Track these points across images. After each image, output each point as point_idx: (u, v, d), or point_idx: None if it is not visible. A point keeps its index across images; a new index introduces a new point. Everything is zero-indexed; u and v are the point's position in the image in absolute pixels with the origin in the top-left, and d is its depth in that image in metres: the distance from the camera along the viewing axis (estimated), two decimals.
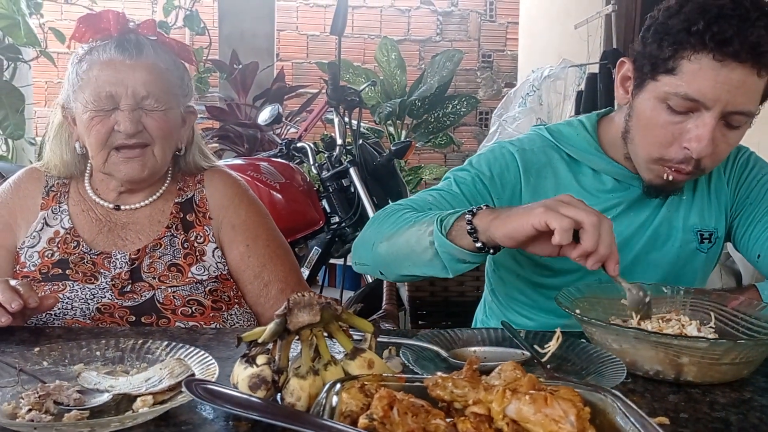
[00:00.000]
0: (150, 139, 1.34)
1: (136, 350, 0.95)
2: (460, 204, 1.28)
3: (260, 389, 0.76)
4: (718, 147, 1.17)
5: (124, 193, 1.40)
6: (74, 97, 1.35)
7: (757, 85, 1.12)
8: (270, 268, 1.41)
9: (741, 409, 0.86)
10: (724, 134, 1.16)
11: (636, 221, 1.32)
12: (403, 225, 1.18)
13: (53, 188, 1.42)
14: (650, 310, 1.06)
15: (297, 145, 3.25)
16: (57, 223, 1.38)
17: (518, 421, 0.64)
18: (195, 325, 1.29)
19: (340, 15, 3.09)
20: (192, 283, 1.34)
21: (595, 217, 0.97)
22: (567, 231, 0.96)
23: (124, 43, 1.34)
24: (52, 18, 4.59)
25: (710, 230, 1.33)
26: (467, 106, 5.88)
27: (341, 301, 0.88)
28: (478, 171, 1.33)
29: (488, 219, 1.05)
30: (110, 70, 1.31)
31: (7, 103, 3.81)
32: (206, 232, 1.40)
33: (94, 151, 1.34)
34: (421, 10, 6.52)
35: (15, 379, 0.85)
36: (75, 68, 1.35)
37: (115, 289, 1.31)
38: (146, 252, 1.35)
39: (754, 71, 1.10)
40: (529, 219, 0.99)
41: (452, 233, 1.09)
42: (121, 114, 1.31)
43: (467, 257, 1.08)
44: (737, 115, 1.14)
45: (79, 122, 1.35)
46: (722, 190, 1.35)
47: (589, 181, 1.33)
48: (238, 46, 5.21)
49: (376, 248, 1.21)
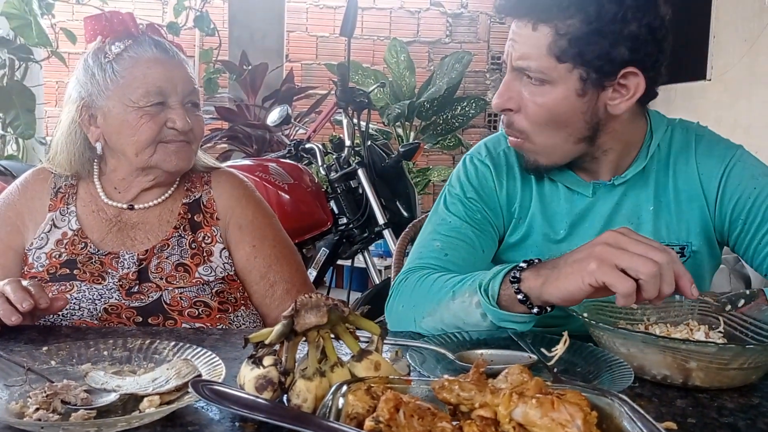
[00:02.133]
0: (192, 137, 1.38)
1: (144, 350, 0.95)
2: (465, 233, 1.29)
3: (267, 390, 0.76)
4: (525, 105, 1.19)
5: (144, 191, 1.41)
6: (107, 95, 1.34)
7: (534, 38, 1.14)
8: (276, 268, 1.42)
9: (749, 414, 0.85)
10: (531, 92, 1.17)
11: (595, 233, 1.28)
12: (441, 298, 1.14)
13: (61, 189, 1.42)
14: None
15: (306, 146, 3.25)
16: (65, 224, 1.38)
17: (525, 424, 0.64)
18: (201, 326, 1.29)
19: (349, 16, 3.09)
20: (199, 284, 1.34)
21: (653, 266, 0.91)
22: (630, 296, 0.92)
23: (158, 42, 1.37)
24: (63, 18, 4.61)
25: (681, 244, 1.27)
26: (476, 108, 5.86)
27: (348, 303, 0.88)
28: (462, 190, 1.34)
29: (537, 284, 1.01)
30: (159, 67, 1.35)
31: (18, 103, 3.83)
32: (214, 232, 1.41)
33: (141, 147, 1.34)
34: (431, 11, 6.52)
35: (23, 378, 0.85)
36: (106, 67, 1.34)
37: (123, 290, 1.31)
38: (154, 252, 1.36)
39: (529, 24, 1.14)
40: (584, 279, 0.94)
41: (502, 302, 1.05)
42: (173, 111, 1.34)
43: (527, 319, 1.06)
44: (527, 70, 1.16)
45: (113, 121, 1.35)
46: (696, 203, 1.27)
47: (547, 186, 1.33)
48: (247, 47, 5.23)
49: (420, 323, 1.17)
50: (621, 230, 0.97)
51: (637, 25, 1.11)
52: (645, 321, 1.10)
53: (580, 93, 1.16)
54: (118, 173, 1.41)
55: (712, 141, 1.31)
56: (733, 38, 4.75)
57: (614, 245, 0.94)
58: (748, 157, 1.29)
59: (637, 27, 1.11)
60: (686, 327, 1.07)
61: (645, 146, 1.28)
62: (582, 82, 1.15)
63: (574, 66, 1.14)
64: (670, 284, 0.93)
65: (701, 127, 1.35)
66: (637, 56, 1.13)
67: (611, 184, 1.28)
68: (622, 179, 1.28)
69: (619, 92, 1.17)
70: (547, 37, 1.13)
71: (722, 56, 4.85)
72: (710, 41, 4.94)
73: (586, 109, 1.18)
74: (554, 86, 1.16)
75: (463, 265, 1.24)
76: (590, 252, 0.96)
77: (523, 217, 1.33)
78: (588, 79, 1.15)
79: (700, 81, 4.92)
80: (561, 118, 1.18)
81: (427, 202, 6.09)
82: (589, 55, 1.12)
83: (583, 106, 1.17)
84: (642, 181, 1.29)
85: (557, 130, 1.20)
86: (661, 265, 0.92)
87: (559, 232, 1.31)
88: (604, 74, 1.15)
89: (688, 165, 1.29)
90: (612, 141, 1.24)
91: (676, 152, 1.30)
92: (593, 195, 1.29)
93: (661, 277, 0.92)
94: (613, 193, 1.29)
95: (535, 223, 1.32)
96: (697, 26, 4.87)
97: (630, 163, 1.28)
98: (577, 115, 1.18)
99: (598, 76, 1.14)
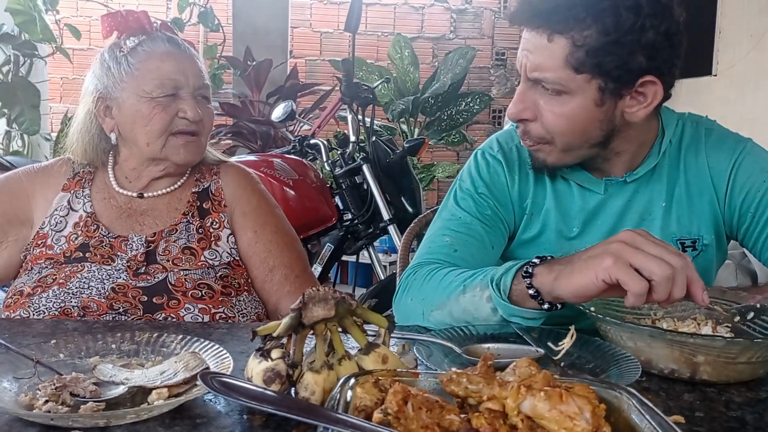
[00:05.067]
0: (202, 128, 1.44)
1: (151, 343, 0.96)
2: (475, 229, 1.28)
3: (275, 383, 0.77)
4: (542, 115, 1.18)
5: (154, 181, 1.47)
6: (122, 87, 1.40)
7: (549, 49, 1.13)
8: (275, 254, 1.46)
9: (757, 408, 0.85)
10: (547, 102, 1.17)
11: (608, 229, 1.29)
12: (452, 291, 1.14)
13: (79, 174, 1.49)
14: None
15: (310, 141, 3.25)
16: (80, 207, 1.44)
17: (533, 417, 0.64)
18: (204, 308, 1.32)
19: (354, 12, 3.08)
20: (204, 267, 1.37)
21: (667, 268, 0.91)
22: (641, 296, 0.92)
23: (171, 38, 1.44)
24: (67, 14, 4.62)
25: (692, 238, 1.28)
26: (480, 104, 5.85)
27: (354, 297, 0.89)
28: (473, 185, 1.34)
29: (549, 279, 1.01)
30: (172, 61, 1.41)
31: (23, 99, 3.84)
32: (221, 218, 1.46)
33: (153, 137, 1.40)
34: (435, 7, 6.50)
35: (32, 371, 0.85)
36: (121, 61, 1.40)
37: (130, 270, 1.35)
38: (162, 236, 1.40)
39: (543, 35, 1.13)
40: (597, 275, 0.94)
41: (513, 297, 1.05)
42: (184, 102, 1.41)
43: (536, 315, 1.05)
44: (543, 81, 1.16)
45: (127, 112, 1.41)
46: (706, 196, 1.28)
47: (560, 183, 1.32)
48: (251, 43, 5.22)
49: (428, 316, 1.17)
50: (638, 231, 0.97)
51: (654, 33, 1.10)
52: (652, 315, 1.10)
53: (599, 103, 1.15)
54: (130, 163, 1.47)
55: (721, 134, 1.31)
56: (739, 33, 4.73)
57: (631, 244, 0.94)
58: (758, 149, 1.29)
59: (654, 35, 1.10)
60: (693, 321, 1.07)
61: (657, 143, 1.28)
62: (600, 92, 1.14)
63: (593, 76, 1.13)
64: (681, 288, 0.92)
65: (710, 120, 1.34)
66: (654, 63, 1.13)
67: (623, 180, 1.28)
68: (635, 176, 1.28)
69: (637, 100, 1.17)
70: (564, 48, 1.12)
71: (728, 51, 4.83)
72: (716, 36, 4.91)
73: (604, 117, 1.17)
74: (572, 96, 1.15)
75: (472, 261, 1.24)
76: (606, 249, 0.96)
77: (537, 213, 1.33)
78: (606, 89, 1.14)
79: (706, 76, 4.90)
80: (579, 127, 1.18)
81: (432, 198, 6.08)
82: (607, 65, 1.11)
83: (600, 114, 1.17)
84: (654, 177, 1.29)
85: (574, 138, 1.20)
86: (675, 268, 0.91)
87: (572, 229, 1.31)
88: (623, 83, 1.14)
89: (698, 159, 1.29)
90: (625, 143, 1.24)
91: (687, 146, 1.29)
92: (605, 192, 1.29)
93: (673, 280, 0.92)
94: (625, 189, 1.29)
95: (550, 220, 1.32)
96: (703, 22, 4.84)
97: (642, 161, 1.28)
98: (594, 123, 1.18)
99: (616, 85, 1.14)
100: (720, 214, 1.28)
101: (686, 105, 1.50)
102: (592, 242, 1.01)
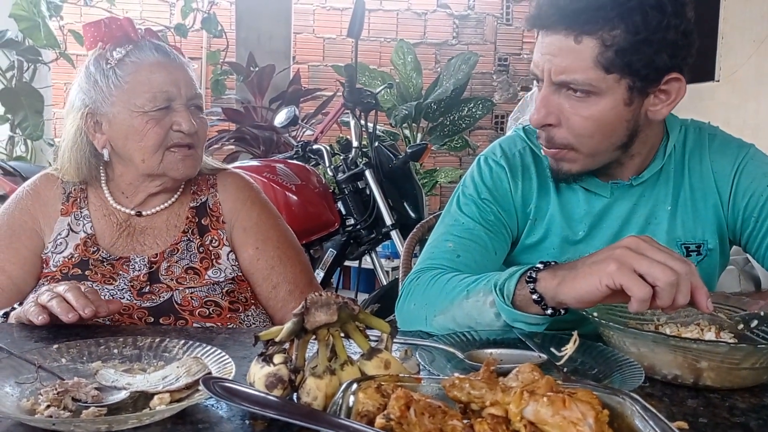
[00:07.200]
0: (197, 140, 1.38)
1: (154, 348, 0.96)
2: (478, 234, 1.28)
3: (277, 388, 0.76)
4: (568, 119, 1.17)
5: (151, 196, 1.41)
6: (111, 102, 1.34)
7: (577, 51, 1.12)
8: (279, 270, 1.42)
9: (761, 414, 0.85)
10: (574, 105, 1.16)
11: (614, 233, 1.29)
12: (455, 297, 1.13)
13: (71, 194, 1.43)
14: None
15: (313, 147, 3.25)
16: (80, 228, 1.39)
17: (536, 423, 0.64)
18: (212, 325, 1.30)
19: (357, 18, 3.09)
20: (209, 284, 1.35)
21: (672, 274, 0.91)
22: (645, 302, 0.92)
23: (159, 46, 1.37)
24: (71, 20, 4.63)
25: (697, 242, 1.28)
26: (483, 110, 5.85)
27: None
28: (476, 191, 1.33)
29: (553, 284, 1.00)
30: (163, 71, 1.35)
31: (26, 105, 3.85)
32: (220, 235, 1.41)
33: (149, 153, 1.34)
34: (438, 13, 6.51)
35: (34, 376, 0.86)
36: (109, 74, 1.34)
37: (134, 290, 1.32)
38: (164, 257, 1.37)
39: (570, 36, 1.13)
40: (601, 280, 0.94)
41: (517, 302, 1.05)
42: (177, 114, 1.34)
43: (540, 321, 1.05)
44: (571, 84, 1.15)
45: (119, 127, 1.35)
46: (710, 201, 1.28)
47: (564, 188, 1.32)
48: (254, 48, 5.23)
49: (431, 321, 1.17)
50: (643, 237, 0.97)
51: (675, 32, 1.12)
52: (655, 321, 1.10)
53: (628, 102, 1.16)
54: (126, 178, 1.41)
55: (724, 140, 1.31)
56: (742, 39, 4.73)
57: (635, 250, 0.94)
58: (761, 155, 1.30)
59: (674, 33, 1.12)
60: (697, 327, 1.06)
61: (662, 147, 1.29)
62: (629, 91, 1.15)
63: (622, 76, 1.13)
64: (685, 295, 0.92)
65: (713, 126, 1.35)
66: (676, 61, 1.14)
67: (629, 184, 1.28)
68: (640, 180, 1.28)
69: (659, 98, 1.18)
70: (593, 49, 1.12)
71: (731, 57, 4.83)
72: (719, 42, 4.91)
73: (631, 117, 1.18)
74: (601, 97, 1.15)
75: (475, 267, 1.24)
76: (610, 254, 0.96)
77: (540, 218, 1.32)
78: (635, 87, 1.15)
79: (708, 82, 4.90)
80: (607, 128, 1.18)
81: (434, 204, 6.08)
82: (636, 64, 1.12)
83: (628, 114, 1.17)
84: (659, 181, 1.29)
85: (601, 140, 1.20)
86: (679, 275, 0.91)
87: (578, 233, 1.30)
88: (650, 81, 1.15)
89: (702, 164, 1.29)
90: (640, 146, 1.25)
91: (690, 152, 1.30)
92: (611, 196, 1.29)
93: (677, 287, 0.91)
94: (630, 193, 1.29)
95: (554, 225, 1.31)
96: (705, 27, 4.85)
97: (648, 164, 1.28)
98: (621, 124, 1.18)
99: (644, 83, 1.15)
100: (724, 219, 1.29)
101: (689, 111, 1.50)
102: (597, 246, 1.01)
